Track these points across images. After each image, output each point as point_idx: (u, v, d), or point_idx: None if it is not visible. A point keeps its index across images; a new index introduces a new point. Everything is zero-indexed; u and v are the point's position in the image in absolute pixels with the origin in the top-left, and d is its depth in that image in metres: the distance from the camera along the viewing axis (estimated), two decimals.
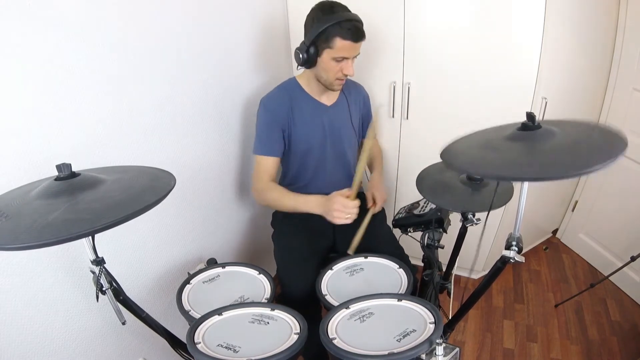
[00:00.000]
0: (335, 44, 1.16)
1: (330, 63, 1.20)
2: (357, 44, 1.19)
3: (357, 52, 1.22)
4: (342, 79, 1.26)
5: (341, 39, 1.15)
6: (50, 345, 0.93)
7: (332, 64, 1.20)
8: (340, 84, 1.27)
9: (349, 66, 1.21)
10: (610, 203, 1.86)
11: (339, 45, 1.16)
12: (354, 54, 1.21)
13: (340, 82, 1.26)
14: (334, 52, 1.18)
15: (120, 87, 1.00)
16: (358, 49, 1.21)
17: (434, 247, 1.23)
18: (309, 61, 1.21)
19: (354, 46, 1.18)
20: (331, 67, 1.21)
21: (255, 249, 1.77)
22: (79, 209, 0.63)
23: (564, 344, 1.58)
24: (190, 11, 1.19)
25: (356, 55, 1.23)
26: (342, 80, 1.26)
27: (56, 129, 0.86)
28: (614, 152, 0.64)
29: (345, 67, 1.21)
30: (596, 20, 1.60)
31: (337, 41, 1.16)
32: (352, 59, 1.22)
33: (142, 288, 1.18)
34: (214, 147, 1.39)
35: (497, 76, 1.41)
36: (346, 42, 1.16)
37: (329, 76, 1.24)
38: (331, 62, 1.20)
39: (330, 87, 1.28)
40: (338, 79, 1.24)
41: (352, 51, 1.19)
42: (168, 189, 0.71)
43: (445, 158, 0.77)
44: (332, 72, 1.23)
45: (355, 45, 1.18)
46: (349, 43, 1.16)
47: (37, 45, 0.80)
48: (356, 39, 1.16)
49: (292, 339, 0.82)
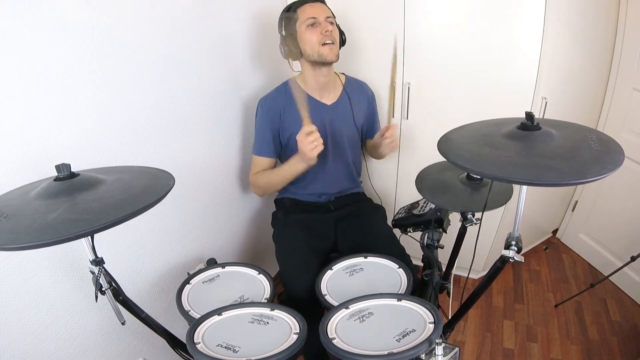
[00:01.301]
0: (299, 14, 1.24)
1: (306, 34, 1.23)
2: (316, 4, 1.25)
3: (325, 13, 1.24)
4: (329, 42, 1.24)
5: (299, 7, 1.24)
6: (50, 345, 0.93)
7: (309, 34, 1.23)
8: (330, 52, 1.25)
9: (325, 25, 1.23)
10: (610, 203, 1.86)
11: (301, 12, 1.24)
12: (322, 14, 1.23)
13: (328, 48, 1.24)
14: (301, 20, 1.23)
15: (120, 87, 1.00)
16: (324, 11, 1.25)
17: (434, 247, 1.23)
18: (292, 51, 1.26)
19: (314, 6, 1.24)
20: (309, 37, 1.24)
21: (256, 249, 1.77)
22: (78, 209, 0.63)
23: (564, 344, 1.58)
24: (191, 11, 1.19)
25: (330, 20, 1.25)
26: (329, 44, 1.24)
27: (56, 130, 0.86)
28: (610, 165, 0.64)
29: (323, 28, 1.23)
30: (596, 20, 1.60)
31: (299, 12, 1.24)
32: (326, 20, 1.23)
33: (142, 288, 1.19)
34: (214, 147, 1.39)
35: (497, 76, 1.41)
36: (304, 6, 1.24)
37: (313, 46, 1.24)
38: (307, 33, 1.23)
39: (321, 58, 1.25)
40: (324, 43, 1.24)
41: (317, 10, 1.23)
42: (167, 189, 0.71)
43: (442, 149, 0.77)
44: (313, 42, 1.24)
45: (314, 5, 1.24)
46: (307, 5, 1.24)
47: (37, 45, 0.80)
48: (313, 0, 1.24)
49: (291, 338, 0.82)
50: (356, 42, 1.54)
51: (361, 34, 1.53)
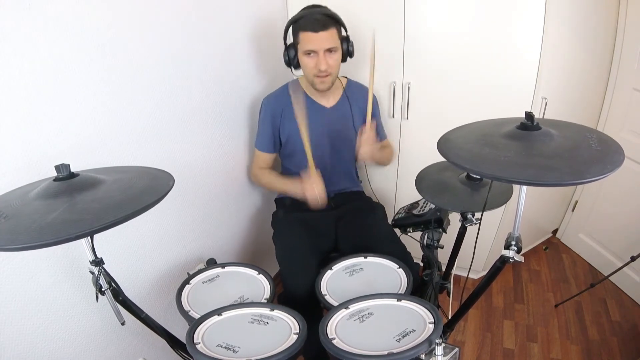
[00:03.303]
0: (300, 39, 1.22)
1: (303, 59, 1.24)
2: (319, 34, 1.19)
3: (325, 45, 1.20)
4: (321, 76, 1.25)
5: (302, 32, 1.20)
6: (50, 345, 0.93)
7: (306, 60, 1.23)
8: (321, 82, 1.26)
9: (321, 60, 1.21)
10: (611, 203, 1.86)
11: (302, 38, 1.21)
12: (321, 46, 1.20)
13: (321, 79, 1.25)
14: (301, 46, 1.22)
15: (120, 88, 1.00)
16: (324, 41, 1.20)
17: (434, 247, 1.23)
18: (291, 62, 1.28)
19: (316, 36, 1.18)
20: (306, 63, 1.24)
21: (255, 249, 1.77)
22: (78, 210, 0.63)
23: (564, 344, 1.58)
24: (191, 11, 1.19)
25: (330, 49, 1.22)
26: (321, 77, 1.25)
27: (56, 130, 0.86)
28: (610, 165, 0.64)
29: (318, 62, 1.22)
30: (596, 20, 1.60)
31: (300, 35, 1.21)
32: (324, 53, 1.21)
33: (142, 288, 1.18)
34: (214, 147, 1.39)
35: (497, 76, 1.41)
36: (306, 33, 1.19)
37: (307, 74, 1.27)
38: (304, 59, 1.23)
39: (313, 85, 1.28)
40: (316, 75, 1.24)
41: (316, 42, 1.19)
42: (167, 189, 0.71)
43: (442, 149, 0.77)
44: (308, 69, 1.25)
45: (316, 35, 1.18)
46: (309, 34, 1.19)
47: (37, 45, 0.80)
48: (314, 29, 1.18)
49: (291, 339, 0.82)
50: (356, 43, 1.53)
51: (361, 35, 1.52)
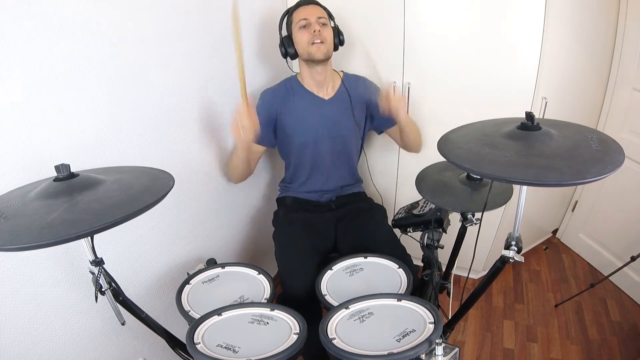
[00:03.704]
0: (294, 17, 1.31)
1: (298, 35, 1.30)
2: (310, 7, 1.31)
3: (316, 14, 1.29)
4: (317, 42, 1.29)
5: (295, 10, 1.32)
6: (50, 345, 0.93)
7: (300, 34, 1.30)
8: (318, 50, 1.29)
9: (314, 25, 1.28)
10: (610, 203, 1.86)
11: (295, 15, 1.31)
12: (313, 15, 1.29)
13: (316, 47, 1.29)
14: (295, 22, 1.31)
15: (120, 88, 1.00)
16: (316, 12, 1.30)
17: (434, 247, 1.23)
18: (288, 52, 1.34)
19: (307, 8, 1.31)
20: (300, 37, 1.30)
21: (255, 249, 1.76)
22: (77, 210, 0.63)
23: (564, 344, 1.58)
24: (190, 11, 1.19)
25: (322, 20, 1.29)
26: (317, 45, 1.29)
27: (56, 130, 0.86)
28: (610, 165, 0.64)
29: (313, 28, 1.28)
30: (596, 20, 1.60)
31: (294, 14, 1.32)
32: (316, 22, 1.28)
33: (142, 288, 1.18)
34: (214, 146, 1.39)
35: (497, 76, 1.41)
36: (299, 9, 1.31)
37: (304, 47, 1.31)
38: (299, 34, 1.30)
39: (310, 57, 1.31)
40: (311, 42, 1.29)
41: (308, 12, 1.29)
42: (167, 189, 0.71)
43: (442, 149, 0.77)
44: (303, 41, 1.30)
45: (308, 7, 1.31)
46: (301, 8, 1.31)
47: (37, 45, 0.79)
48: (306, 3, 1.32)
49: (291, 339, 0.82)
50: (356, 42, 1.54)
51: (361, 35, 1.53)
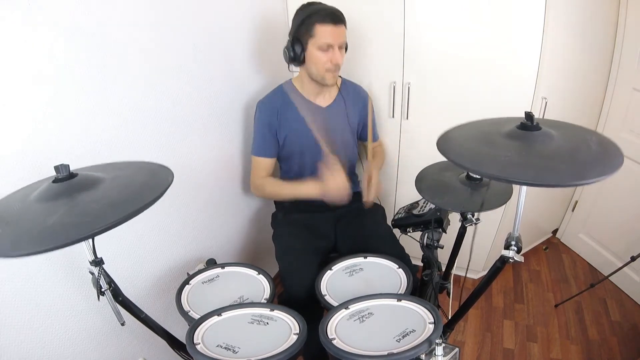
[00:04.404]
0: (316, 32, 1.19)
1: (316, 54, 1.22)
2: (338, 28, 1.20)
3: (341, 39, 1.22)
4: (333, 71, 1.25)
5: (320, 24, 1.18)
6: (50, 346, 0.93)
7: (319, 55, 1.22)
8: (332, 78, 1.26)
9: (337, 55, 1.22)
10: (610, 203, 1.86)
11: (319, 31, 1.18)
12: (338, 40, 1.21)
13: (332, 74, 1.26)
14: (316, 40, 1.20)
15: (120, 88, 1.00)
16: (342, 35, 1.22)
17: (434, 247, 1.23)
18: (296, 58, 1.25)
19: (335, 30, 1.19)
20: (318, 58, 1.22)
21: (255, 250, 1.76)
22: (77, 212, 0.62)
23: (564, 344, 1.58)
24: (190, 11, 1.19)
25: (343, 45, 1.23)
26: (332, 72, 1.25)
27: (56, 130, 0.86)
28: (610, 167, 0.64)
29: (333, 57, 1.21)
30: (596, 20, 1.60)
31: (317, 28, 1.18)
32: (338, 47, 1.22)
33: (142, 289, 1.18)
34: (214, 147, 1.39)
35: (497, 76, 1.41)
36: (326, 26, 1.18)
37: (318, 69, 1.25)
38: (317, 53, 1.21)
39: (323, 81, 1.27)
40: (328, 70, 1.24)
41: (334, 36, 1.20)
42: (166, 185, 0.70)
43: (441, 147, 0.77)
44: (320, 64, 1.23)
45: (335, 29, 1.19)
46: (329, 27, 1.18)
47: (36, 45, 0.80)
48: (335, 21, 1.19)
49: (291, 339, 0.82)
50: (356, 42, 1.54)
51: (361, 34, 1.53)
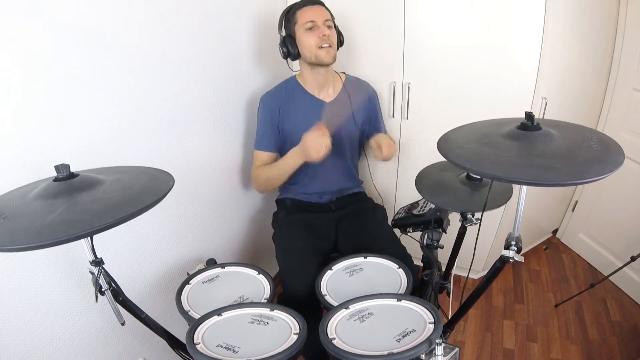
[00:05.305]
0: (298, 17, 1.27)
1: (304, 37, 1.27)
2: (316, 7, 1.28)
3: (323, 16, 1.27)
4: (326, 46, 1.28)
5: (299, 9, 1.27)
6: (50, 346, 0.93)
7: (307, 36, 1.27)
8: (327, 54, 1.29)
9: (324, 30, 1.26)
10: (610, 203, 1.86)
11: (300, 15, 1.27)
12: (320, 18, 1.26)
13: (325, 51, 1.28)
14: (300, 23, 1.27)
15: (120, 87, 1.00)
16: (323, 13, 1.28)
17: (434, 247, 1.23)
18: (290, 52, 1.30)
19: (313, 8, 1.27)
20: (307, 39, 1.27)
21: (255, 249, 1.76)
22: (77, 210, 0.63)
23: (564, 344, 1.58)
24: (191, 12, 1.19)
25: (329, 23, 1.28)
26: (326, 48, 1.28)
27: (56, 130, 0.86)
28: (610, 166, 0.64)
29: (320, 32, 1.26)
30: (596, 20, 1.60)
31: (297, 13, 1.27)
32: (323, 24, 1.26)
33: (142, 289, 1.18)
34: (214, 147, 1.39)
35: (497, 76, 1.41)
36: (304, 8, 1.27)
37: (311, 49, 1.28)
38: (305, 36, 1.27)
39: (319, 61, 1.29)
40: (320, 47, 1.27)
41: (314, 14, 1.26)
42: (167, 189, 0.71)
43: (442, 149, 0.77)
44: (310, 43, 1.27)
45: (313, 7, 1.27)
46: (307, 8, 1.27)
47: (37, 45, 0.80)
48: (312, 3, 1.28)
49: (291, 339, 0.82)
50: (356, 42, 1.54)
51: (361, 34, 1.53)
